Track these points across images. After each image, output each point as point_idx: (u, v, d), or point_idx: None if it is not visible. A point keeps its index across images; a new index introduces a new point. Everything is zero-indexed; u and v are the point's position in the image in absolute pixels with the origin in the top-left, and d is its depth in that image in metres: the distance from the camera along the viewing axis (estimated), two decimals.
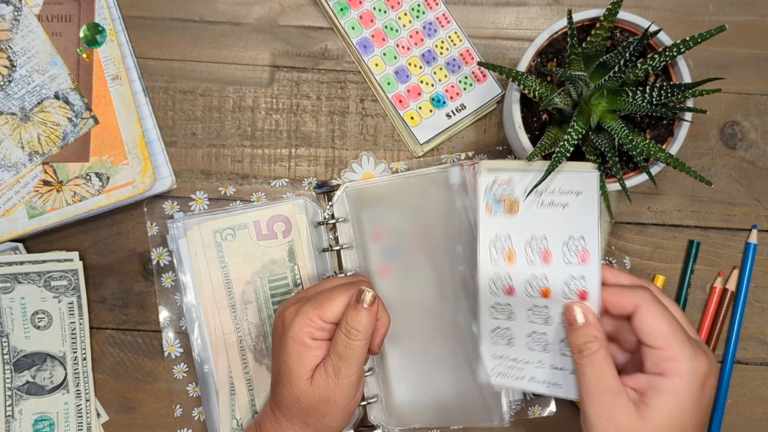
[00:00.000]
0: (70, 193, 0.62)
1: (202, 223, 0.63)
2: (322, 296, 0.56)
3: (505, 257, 0.54)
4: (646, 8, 0.66)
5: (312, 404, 0.56)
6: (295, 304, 0.57)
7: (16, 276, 0.62)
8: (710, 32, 0.52)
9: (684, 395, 0.48)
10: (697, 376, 0.49)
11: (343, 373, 0.55)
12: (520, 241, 0.54)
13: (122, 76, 0.62)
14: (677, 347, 0.49)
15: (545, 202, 0.53)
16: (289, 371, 0.56)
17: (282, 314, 0.58)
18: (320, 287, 0.59)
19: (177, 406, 0.65)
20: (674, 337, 0.49)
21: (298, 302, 0.57)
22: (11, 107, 0.61)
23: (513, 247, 0.54)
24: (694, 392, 0.49)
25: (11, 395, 0.63)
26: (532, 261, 0.54)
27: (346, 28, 0.64)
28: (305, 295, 0.58)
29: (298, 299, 0.58)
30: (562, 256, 0.53)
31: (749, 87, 0.66)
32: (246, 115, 0.66)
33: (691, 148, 0.66)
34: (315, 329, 0.56)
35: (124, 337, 0.66)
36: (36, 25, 0.62)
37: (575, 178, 0.53)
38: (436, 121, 0.65)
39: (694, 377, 0.49)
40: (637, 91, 0.54)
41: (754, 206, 0.67)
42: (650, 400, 0.49)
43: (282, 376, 0.57)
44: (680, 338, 0.49)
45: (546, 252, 0.54)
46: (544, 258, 0.54)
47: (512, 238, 0.54)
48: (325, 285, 0.59)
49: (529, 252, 0.54)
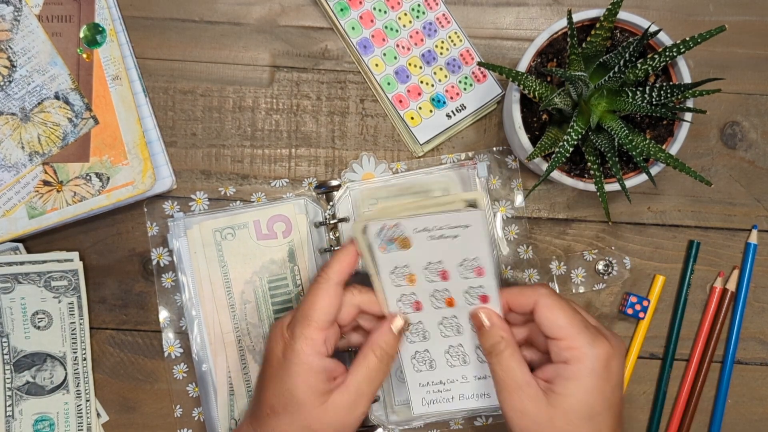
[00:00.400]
0: (70, 194, 0.62)
1: (202, 222, 0.63)
2: (305, 308, 0.55)
3: (407, 280, 0.56)
4: (646, 8, 0.66)
5: (345, 426, 0.54)
6: (290, 327, 0.55)
7: (16, 276, 0.62)
8: (710, 32, 0.52)
9: (587, 379, 0.51)
10: (599, 359, 0.52)
11: (368, 397, 0.55)
12: (418, 267, 0.56)
13: (122, 76, 0.62)
14: (575, 335, 0.52)
15: (435, 236, 0.55)
16: (296, 402, 0.53)
17: (277, 339, 0.55)
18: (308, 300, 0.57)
19: (177, 407, 0.65)
20: (571, 326, 0.52)
21: (292, 324, 0.55)
22: (11, 107, 0.61)
23: (412, 272, 0.56)
24: (598, 375, 0.51)
25: (11, 395, 0.63)
26: (432, 280, 0.56)
27: (346, 28, 0.64)
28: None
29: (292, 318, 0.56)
30: (459, 274, 0.56)
31: (749, 87, 0.66)
32: (246, 115, 0.66)
33: (691, 148, 0.66)
34: (321, 346, 0.54)
35: (124, 337, 0.66)
36: (36, 26, 0.62)
37: (461, 217, 0.54)
38: (436, 121, 0.65)
39: (595, 361, 0.51)
40: (637, 92, 0.54)
41: (754, 206, 0.67)
42: (557, 387, 0.52)
43: (286, 406, 0.54)
44: (577, 326, 0.52)
45: (444, 272, 0.56)
46: (443, 276, 0.56)
47: (410, 266, 0.56)
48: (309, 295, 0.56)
49: (427, 274, 0.56)
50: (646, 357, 0.67)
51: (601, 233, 0.66)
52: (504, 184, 0.66)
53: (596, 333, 0.53)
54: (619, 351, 0.53)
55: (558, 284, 0.66)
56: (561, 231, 0.66)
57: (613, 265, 0.66)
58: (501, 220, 0.66)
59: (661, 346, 0.67)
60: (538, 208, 0.66)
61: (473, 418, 0.66)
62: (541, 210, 0.66)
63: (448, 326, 0.58)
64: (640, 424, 0.67)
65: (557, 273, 0.66)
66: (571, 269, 0.66)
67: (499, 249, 0.65)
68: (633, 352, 0.66)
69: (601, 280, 0.66)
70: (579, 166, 0.60)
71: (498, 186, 0.65)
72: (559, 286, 0.66)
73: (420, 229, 0.55)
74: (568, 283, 0.66)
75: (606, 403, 0.52)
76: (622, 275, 0.66)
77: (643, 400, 0.67)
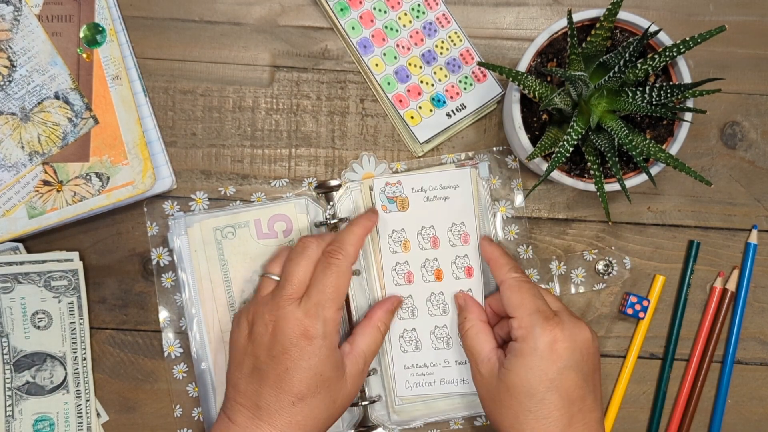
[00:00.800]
0: (70, 193, 0.62)
1: (203, 221, 0.64)
2: (328, 291, 0.57)
3: (402, 247, 0.63)
4: (646, 8, 0.66)
5: (346, 403, 0.59)
6: (308, 313, 0.56)
7: (16, 276, 0.62)
8: (710, 32, 0.52)
9: (529, 357, 0.55)
10: (543, 341, 0.54)
11: (369, 365, 0.60)
12: (412, 231, 0.63)
13: (122, 76, 0.62)
14: (525, 316, 0.56)
15: (429, 197, 0.63)
16: (325, 381, 0.56)
17: (291, 325, 0.56)
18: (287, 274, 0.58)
19: (177, 406, 0.65)
20: (524, 306, 0.56)
21: (311, 308, 0.56)
22: (11, 107, 0.61)
23: (407, 238, 0.63)
24: (540, 355, 0.54)
25: (11, 395, 0.63)
26: (424, 248, 0.63)
27: (346, 28, 0.64)
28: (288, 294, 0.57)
29: (290, 298, 0.57)
30: (447, 240, 0.63)
31: (749, 87, 0.66)
32: (246, 115, 0.66)
33: (691, 148, 0.66)
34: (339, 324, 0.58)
35: (124, 337, 0.66)
36: (36, 25, 0.62)
37: (453, 175, 0.63)
38: (437, 120, 0.65)
39: (538, 341, 0.55)
40: (637, 92, 0.54)
41: (754, 206, 0.67)
42: (507, 362, 0.56)
43: (317, 389, 0.56)
44: (530, 308, 0.56)
45: (435, 238, 0.63)
46: (434, 243, 0.63)
47: (406, 230, 0.63)
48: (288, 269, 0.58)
49: (420, 240, 0.63)
50: (646, 357, 0.67)
51: (601, 233, 0.66)
52: (504, 184, 0.66)
53: (550, 317, 0.55)
54: (573, 337, 0.55)
55: (558, 284, 0.66)
56: (561, 231, 0.66)
57: (613, 265, 0.66)
58: (501, 220, 0.66)
59: (661, 346, 0.67)
60: (538, 208, 0.66)
61: (473, 418, 0.66)
62: (541, 210, 0.66)
63: (435, 303, 0.63)
64: (640, 424, 0.67)
65: (557, 273, 0.66)
66: (571, 269, 0.66)
67: None
68: (633, 352, 0.66)
69: (601, 280, 0.66)
70: (579, 166, 0.60)
71: (498, 186, 0.65)
72: (559, 286, 0.66)
73: (417, 188, 0.63)
74: (568, 283, 0.66)
75: (550, 384, 0.54)
76: (622, 275, 0.66)
77: (643, 400, 0.67)
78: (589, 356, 0.56)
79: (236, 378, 0.58)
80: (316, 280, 0.57)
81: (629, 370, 0.66)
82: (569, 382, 0.54)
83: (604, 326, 0.67)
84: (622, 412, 0.67)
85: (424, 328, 0.64)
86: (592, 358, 0.56)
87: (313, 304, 0.56)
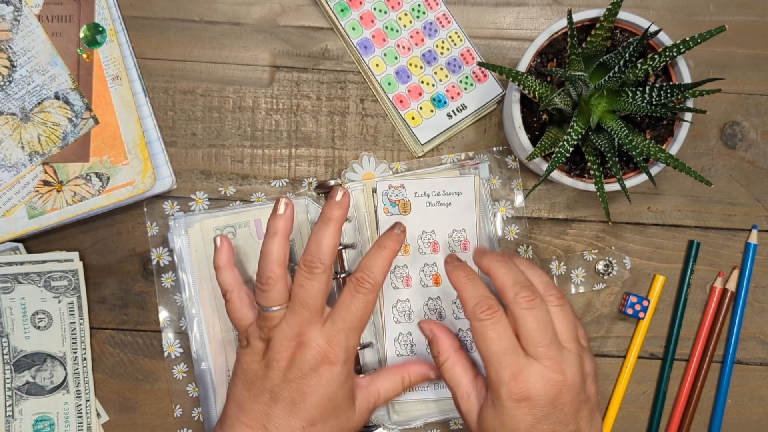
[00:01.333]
0: (70, 194, 0.62)
1: (203, 220, 0.64)
2: (353, 319, 0.55)
3: (402, 250, 0.63)
4: (646, 8, 0.66)
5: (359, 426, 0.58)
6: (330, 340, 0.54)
7: (16, 276, 0.62)
8: (710, 32, 0.52)
9: (500, 412, 0.53)
10: (508, 397, 0.52)
11: (382, 403, 0.61)
12: (413, 235, 0.63)
13: (122, 76, 0.62)
14: (489, 366, 0.53)
15: (432, 202, 0.63)
16: (336, 408, 0.55)
17: (312, 352, 0.54)
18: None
19: (177, 406, 0.65)
20: (488, 356, 0.53)
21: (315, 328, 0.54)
22: (11, 107, 0.61)
23: (407, 242, 0.63)
24: (509, 412, 0.52)
25: (11, 395, 0.63)
26: (424, 252, 0.63)
27: (347, 28, 0.64)
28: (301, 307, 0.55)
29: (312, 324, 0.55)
30: (447, 246, 0.63)
31: (749, 87, 0.66)
32: (246, 115, 0.66)
33: (691, 148, 0.66)
34: (357, 346, 0.57)
35: (124, 337, 0.66)
36: (36, 26, 0.62)
37: (456, 181, 0.63)
38: (437, 121, 0.65)
39: (504, 397, 0.52)
40: (637, 92, 0.54)
41: (754, 206, 0.67)
42: (482, 411, 0.55)
43: (328, 415, 0.55)
44: (492, 360, 0.53)
45: (435, 243, 0.63)
46: (433, 249, 0.63)
47: (406, 234, 0.62)
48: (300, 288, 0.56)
49: (420, 245, 0.63)
50: (646, 357, 0.67)
51: (601, 233, 0.66)
52: (504, 184, 0.66)
53: (517, 373, 0.51)
54: (544, 386, 0.51)
55: (558, 284, 0.66)
56: (561, 231, 0.66)
57: (613, 265, 0.66)
58: (501, 220, 0.66)
59: (661, 346, 0.67)
60: (538, 208, 0.66)
61: None
62: (541, 210, 0.66)
63: (432, 308, 0.63)
64: (640, 424, 0.67)
65: (557, 273, 0.66)
66: (571, 269, 0.66)
67: (500, 249, 0.65)
68: (633, 352, 0.66)
69: (601, 280, 0.66)
70: (579, 166, 0.60)
71: (498, 186, 0.65)
72: (560, 286, 0.66)
73: (420, 193, 0.63)
74: (568, 283, 0.66)
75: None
76: (622, 275, 0.66)
77: (643, 400, 0.67)
78: (567, 402, 0.52)
79: (242, 397, 0.55)
80: (342, 306, 0.55)
81: (629, 370, 0.66)
82: (546, 429, 0.52)
83: (604, 326, 0.67)
84: (622, 412, 0.67)
85: (419, 334, 0.63)
86: (573, 399, 0.52)
87: (337, 330, 0.55)
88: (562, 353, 0.52)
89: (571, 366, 0.52)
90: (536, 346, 0.52)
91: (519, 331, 0.52)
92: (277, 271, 0.55)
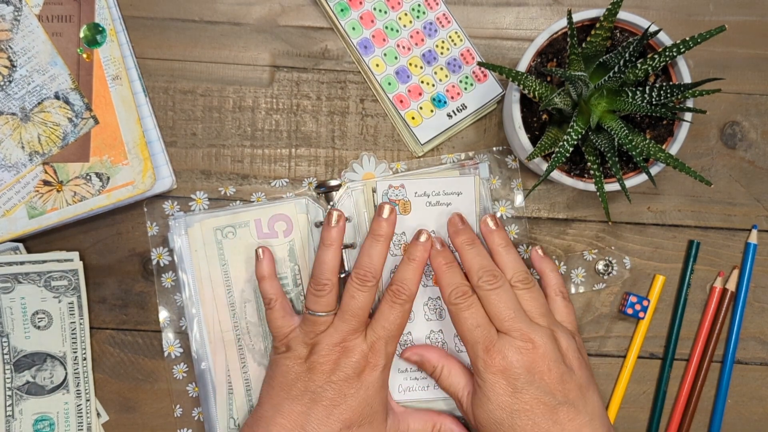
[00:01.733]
0: (70, 193, 0.62)
1: (203, 220, 0.64)
2: (392, 328, 0.59)
3: (402, 250, 0.63)
4: (646, 8, 0.66)
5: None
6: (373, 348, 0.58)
7: (17, 276, 0.62)
8: (710, 32, 0.52)
9: (483, 393, 0.57)
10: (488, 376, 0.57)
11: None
12: (413, 236, 0.62)
13: (122, 76, 0.62)
14: (468, 348, 0.58)
15: (432, 202, 0.63)
16: (373, 414, 0.58)
17: (357, 359, 0.58)
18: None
19: (177, 406, 0.65)
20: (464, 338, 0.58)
21: (377, 344, 0.58)
22: (11, 107, 0.61)
23: (407, 242, 0.63)
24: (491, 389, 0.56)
25: (11, 395, 0.63)
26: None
27: (347, 28, 0.64)
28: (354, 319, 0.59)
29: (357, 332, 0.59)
30: (448, 246, 0.62)
31: (749, 87, 0.66)
32: (246, 115, 0.66)
33: (691, 148, 0.66)
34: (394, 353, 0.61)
35: (124, 337, 0.66)
36: (36, 25, 0.62)
37: (457, 181, 0.63)
38: (437, 121, 0.65)
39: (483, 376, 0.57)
40: (636, 92, 0.54)
41: (754, 206, 0.67)
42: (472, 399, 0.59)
43: (364, 420, 0.57)
44: (469, 339, 0.58)
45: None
46: None
47: (406, 234, 0.63)
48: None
49: None
50: (646, 357, 0.67)
51: (601, 233, 0.66)
52: (504, 184, 0.66)
53: (490, 346, 0.56)
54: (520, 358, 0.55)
55: None
56: (561, 231, 0.66)
57: (613, 265, 0.66)
58: (501, 220, 0.66)
59: (661, 346, 0.67)
60: (538, 208, 0.66)
61: None
62: (541, 210, 0.66)
63: (432, 308, 0.64)
64: (640, 424, 0.67)
65: None
66: (571, 269, 0.66)
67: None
68: (633, 352, 0.66)
69: (601, 280, 0.66)
70: (579, 166, 0.60)
71: (498, 186, 0.65)
72: None
73: (420, 193, 0.63)
74: (568, 283, 0.66)
75: (512, 411, 0.55)
76: (622, 275, 0.66)
77: (643, 400, 0.67)
78: (546, 370, 0.55)
79: (279, 398, 0.58)
80: (382, 316, 0.59)
81: (629, 370, 0.66)
82: (530, 402, 0.55)
83: (604, 326, 0.67)
84: (622, 412, 0.67)
85: (419, 333, 0.64)
86: (552, 368, 0.55)
87: (378, 338, 0.59)
88: (531, 326, 0.57)
89: (541, 336, 0.56)
90: (503, 320, 0.57)
91: (487, 311, 0.57)
92: (332, 279, 0.59)
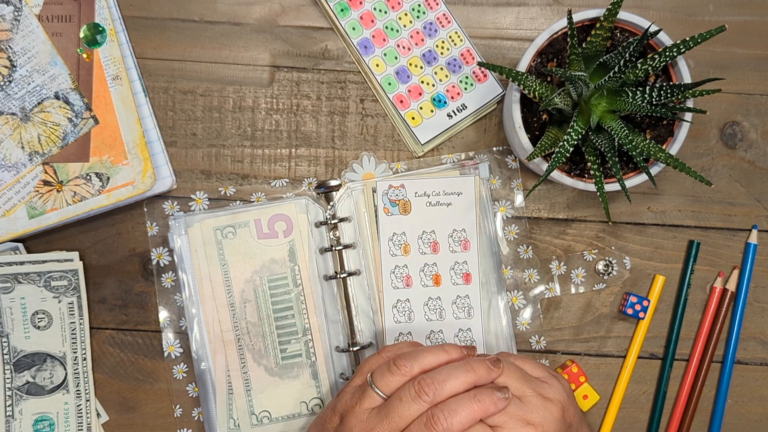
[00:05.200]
0: (70, 193, 0.62)
1: (203, 220, 0.64)
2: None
3: (402, 250, 0.64)
4: (646, 8, 0.66)
5: None
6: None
7: (16, 276, 0.62)
8: (710, 32, 0.52)
9: None
10: None
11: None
12: (413, 236, 0.64)
13: (122, 76, 0.62)
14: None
15: (432, 202, 0.64)
16: None
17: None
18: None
19: (177, 406, 0.65)
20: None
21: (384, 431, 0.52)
22: (11, 107, 0.61)
23: (408, 241, 0.64)
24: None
25: (11, 395, 0.63)
26: (424, 252, 0.64)
27: (347, 28, 0.64)
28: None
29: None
30: (448, 246, 0.64)
31: (749, 87, 0.66)
32: (246, 115, 0.66)
33: (691, 148, 0.66)
34: None
35: (124, 337, 0.66)
36: (36, 25, 0.62)
37: (457, 181, 0.64)
38: (437, 121, 0.65)
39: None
40: (637, 92, 0.54)
41: (754, 206, 0.67)
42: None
43: None
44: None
45: (435, 243, 0.64)
46: (434, 248, 0.64)
47: (406, 233, 0.64)
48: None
49: (421, 244, 0.64)
50: (646, 357, 0.67)
51: (601, 233, 0.66)
52: (504, 184, 0.66)
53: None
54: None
55: (558, 284, 0.66)
56: (561, 231, 0.66)
57: (613, 265, 0.66)
58: (501, 220, 0.66)
59: (661, 346, 0.67)
60: (538, 208, 0.66)
61: None
62: (541, 210, 0.66)
63: (432, 308, 0.64)
64: (640, 424, 0.67)
65: (557, 273, 0.66)
66: (571, 269, 0.66)
67: (499, 248, 0.65)
68: (633, 352, 0.66)
69: (601, 280, 0.66)
70: (579, 166, 0.60)
71: (498, 186, 0.65)
72: (559, 286, 0.66)
73: (420, 193, 0.63)
74: (568, 283, 0.66)
75: None
76: (622, 275, 0.66)
77: (643, 400, 0.67)
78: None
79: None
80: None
81: (629, 370, 0.66)
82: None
83: (604, 326, 0.67)
84: (622, 412, 0.67)
85: (419, 332, 0.64)
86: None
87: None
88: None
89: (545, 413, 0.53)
90: (523, 391, 0.53)
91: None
92: (416, 374, 0.54)
